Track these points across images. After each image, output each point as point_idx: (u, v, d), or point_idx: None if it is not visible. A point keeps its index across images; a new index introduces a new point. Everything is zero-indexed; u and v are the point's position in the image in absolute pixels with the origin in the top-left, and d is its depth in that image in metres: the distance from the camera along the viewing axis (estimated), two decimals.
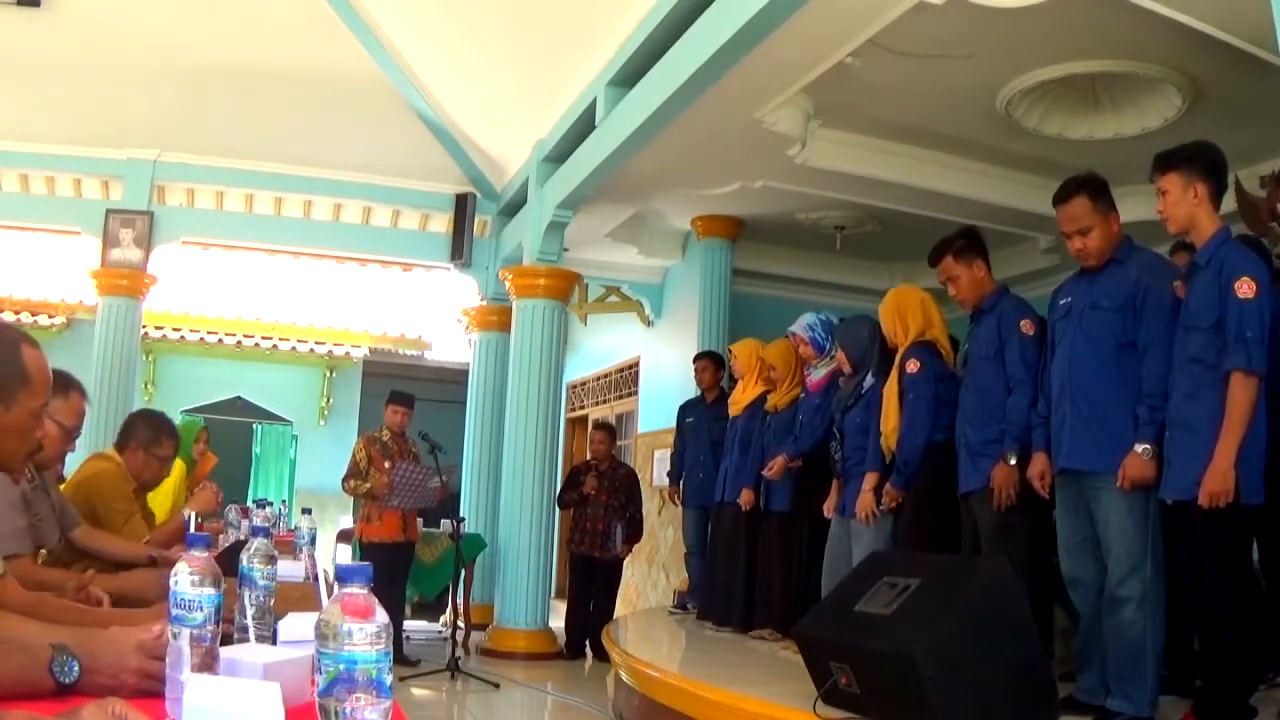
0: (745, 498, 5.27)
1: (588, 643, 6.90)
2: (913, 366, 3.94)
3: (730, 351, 5.98)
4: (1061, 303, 3.33)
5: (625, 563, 9.08)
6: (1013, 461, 3.40)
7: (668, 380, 8.48)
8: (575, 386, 11.25)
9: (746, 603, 5.24)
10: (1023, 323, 3.54)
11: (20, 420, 1.52)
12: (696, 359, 6.74)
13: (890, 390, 4.05)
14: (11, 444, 1.55)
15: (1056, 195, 3.31)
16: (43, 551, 2.62)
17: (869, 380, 4.35)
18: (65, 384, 2.65)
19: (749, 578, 5.26)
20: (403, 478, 6.04)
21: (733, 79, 4.77)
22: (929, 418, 3.89)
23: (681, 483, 6.55)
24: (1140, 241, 3.42)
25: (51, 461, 2.77)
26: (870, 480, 4.14)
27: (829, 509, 4.58)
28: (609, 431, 7.41)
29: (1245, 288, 2.73)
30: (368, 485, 6.16)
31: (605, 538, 6.92)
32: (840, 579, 4.26)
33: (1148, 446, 2.93)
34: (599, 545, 6.92)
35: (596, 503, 6.98)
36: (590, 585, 7.03)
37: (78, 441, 2.81)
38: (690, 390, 7.45)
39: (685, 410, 6.73)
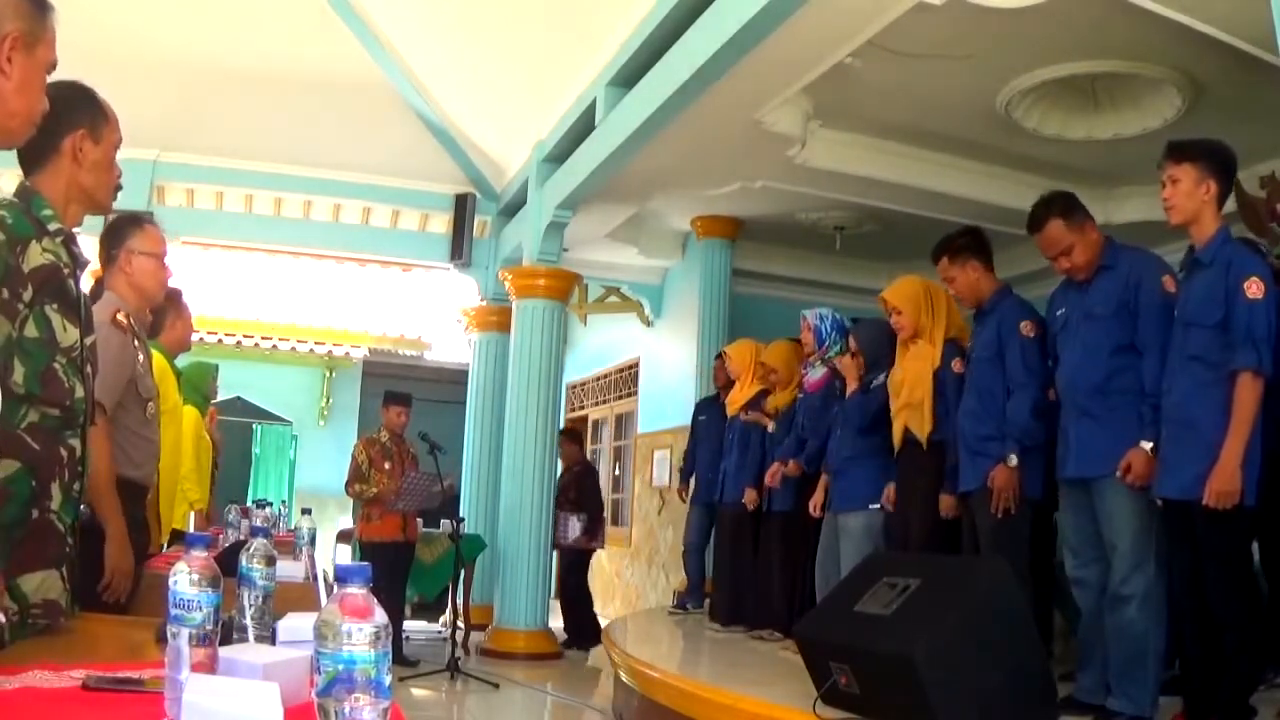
0: (749, 497, 5.27)
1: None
2: (958, 367, 3.84)
3: (725, 353, 5.98)
4: (1058, 314, 3.34)
5: (624, 563, 9.12)
6: (1013, 463, 3.39)
7: (668, 380, 8.49)
8: (575, 387, 11.25)
9: (748, 603, 5.24)
10: (1023, 324, 3.53)
11: (108, 153, 1.87)
12: (716, 358, 6.72)
13: (920, 379, 3.95)
14: (104, 176, 1.87)
15: (1029, 224, 3.31)
16: (150, 405, 2.64)
17: (880, 378, 4.33)
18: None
19: (750, 578, 5.26)
20: (410, 485, 6.10)
21: (733, 79, 4.77)
22: None
23: (692, 480, 6.56)
24: (1140, 242, 3.42)
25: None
26: None
27: (815, 506, 4.58)
28: (566, 435, 7.77)
29: (1254, 288, 2.71)
30: (374, 491, 6.16)
31: (558, 527, 7.39)
32: (829, 576, 4.29)
33: (1154, 444, 2.93)
34: (557, 535, 7.39)
35: (564, 500, 7.51)
36: (562, 574, 7.55)
37: None
38: (691, 389, 7.46)
39: (699, 408, 6.73)
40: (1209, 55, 4.15)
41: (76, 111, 1.80)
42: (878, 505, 4.21)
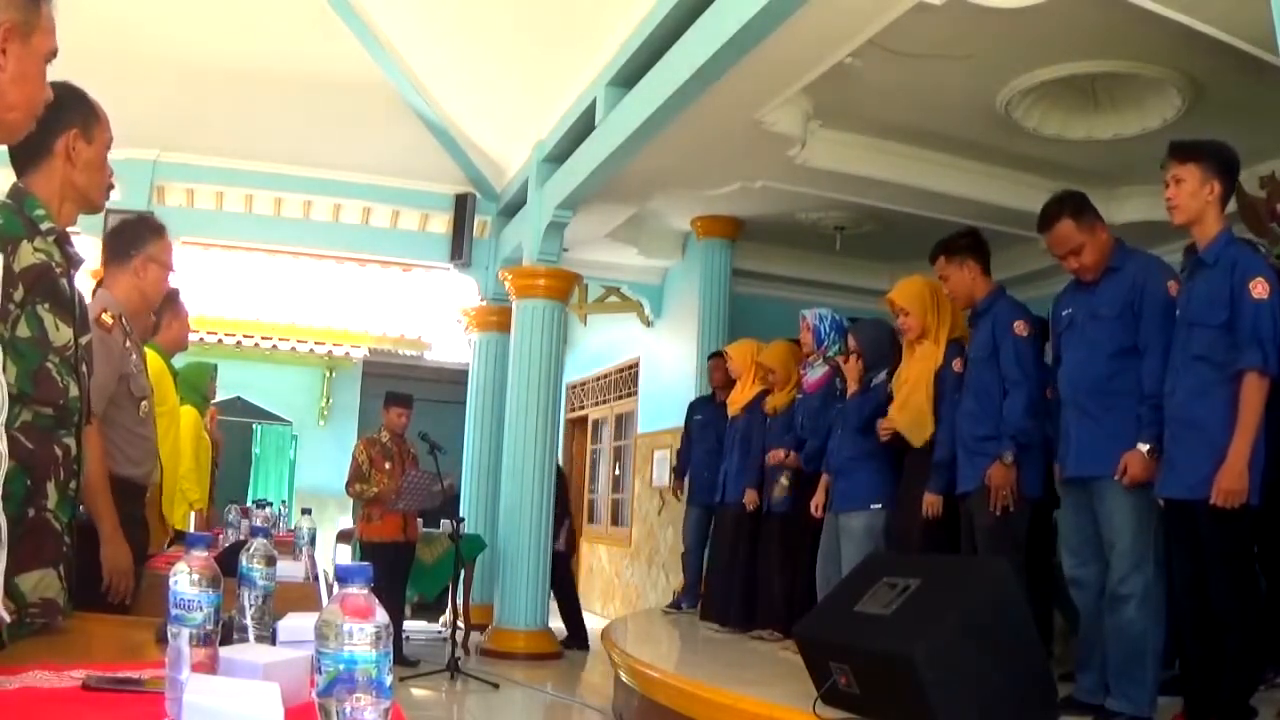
0: (749, 498, 5.27)
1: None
2: (959, 367, 3.85)
3: (726, 353, 5.98)
4: (1064, 314, 3.34)
5: (624, 563, 9.12)
6: (1009, 461, 3.39)
7: (668, 380, 8.48)
8: (575, 387, 11.25)
9: (747, 603, 5.24)
10: (1016, 324, 3.54)
11: (100, 153, 1.88)
12: (710, 358, 6.75)
13: (921, 380, 3.96)
14: (97, 175, 1.88)
15: (1040, 223, 3.32)
16: (144, 403, 2.66)
17: (880, 376, 4.33)
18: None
19: (750, 578, 5.26)
20: (411, 484, 6.10)
21: (733, 79, 4.76)
22: None
23: (687, 480, 6.56)
24: (1140, 242, 3.43)
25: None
26: None
27: (817, 507, 4.57)
28: None
29: (1260, 288, 2.72)
30: (374, 490, 6.16)
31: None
32: (830, 576, 4.29)
33: (1151, 446, 2.94)
34: None
35: None
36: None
37: None
38: (690, 389, 7.46)
39: (694, 408, 6.74)
40: (1209, 55, 4.15)
41: (68, 111, 1.80)
42: (879, 505, 4.21)
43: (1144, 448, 2.95)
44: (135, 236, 2.67)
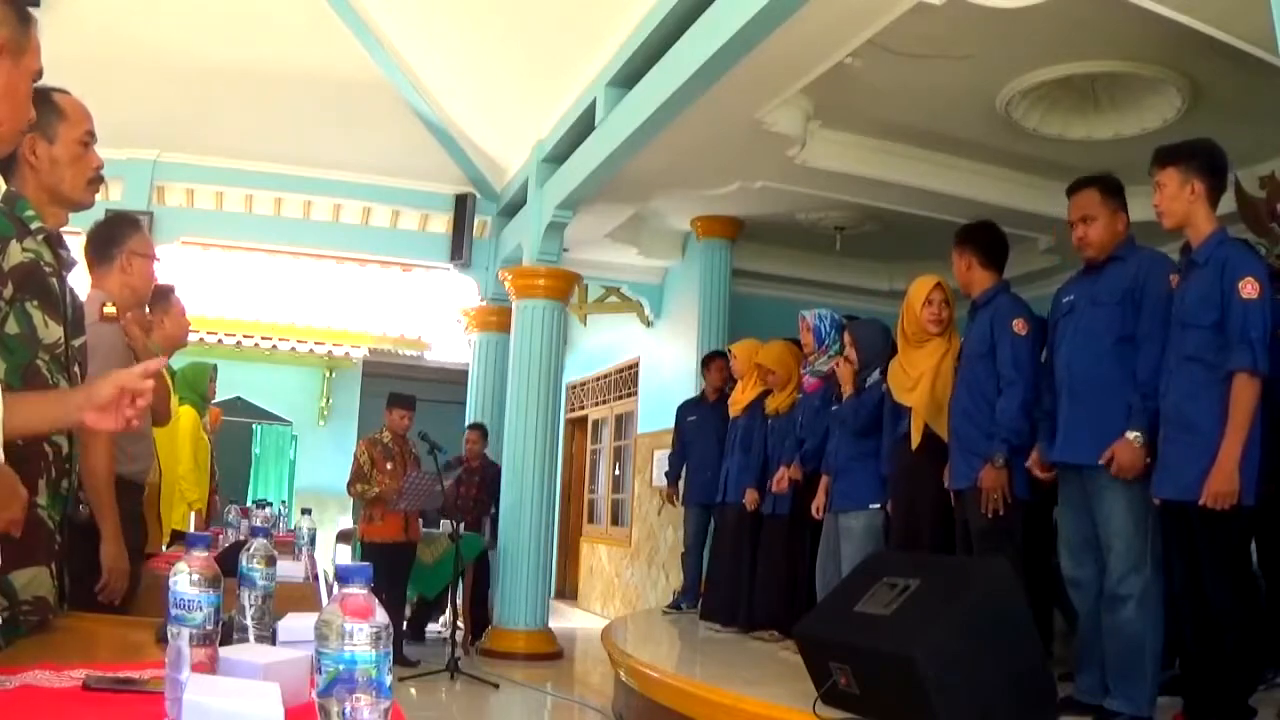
0: (750, 498, 5.27)
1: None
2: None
3: (730, 351, 5.98)
4: (1065, 300, 3.34)
5: (624, 563, 9.11)
6: (1000, 464, 3.38)
7: (668, 381, 8.48)
8: (575, 387, 11.25)
9: (748, 603, 5.24)
10: (1015, 322, 3.52)
11: (69, 149, 1.82)
12: (708, 358, 6.73)
13: (942, 371, 3.93)
14: (68, 172, 1.82)
15: (1070, 186, 3.35)
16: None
17: (875, 375, 4.34)
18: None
19: (750, 578, 5.26)
20: (412, 484, 6.11)
21: (733, 79, 4.76)
22: None
23: (682, 482, 6.55)
24: (1142, 242, 3.43)
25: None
26: None
27: (818, 509, 4.57)
28: (480, 431, 7.80)
29: (1249, 288, 2.72)
30: (375, 490, 6.16)
31: (474, 530, 7.36)
32: (830, 576, 4.29)
33: (1139, 434, 2.93)
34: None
35: (466, 497, 7.47)
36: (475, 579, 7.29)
37: None
38: (690, 389, 7.47)
39: (686, 410, 6.73)
40: (1209, 55, 4.15)
41: None
42: (878, 505, 4.21)
43: (1131, 436, 2.94)
44: (113, 235, 2.68)
